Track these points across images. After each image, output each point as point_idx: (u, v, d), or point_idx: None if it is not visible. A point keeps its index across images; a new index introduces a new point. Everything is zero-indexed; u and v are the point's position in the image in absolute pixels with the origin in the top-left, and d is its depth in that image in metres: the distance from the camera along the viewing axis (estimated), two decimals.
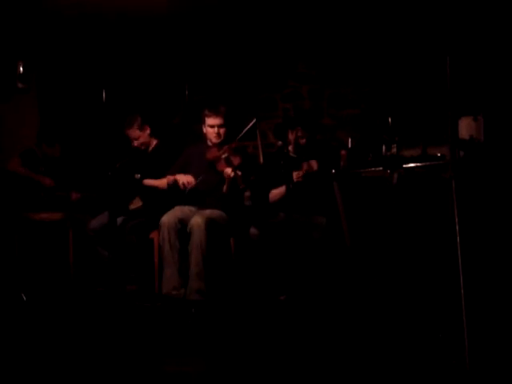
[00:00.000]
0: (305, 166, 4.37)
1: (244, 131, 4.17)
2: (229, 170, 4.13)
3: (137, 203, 4.56)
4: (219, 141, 4.35)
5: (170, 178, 4.34)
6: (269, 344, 3.30)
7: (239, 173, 4.11)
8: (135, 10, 4.84)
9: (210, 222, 4.08)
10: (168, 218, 4.15)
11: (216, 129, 4.34)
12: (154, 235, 4.45)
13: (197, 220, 4.06)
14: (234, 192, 4.26)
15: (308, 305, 4.08)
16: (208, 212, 4.18)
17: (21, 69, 5.41)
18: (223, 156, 4.20)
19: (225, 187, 4.21)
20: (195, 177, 4.27)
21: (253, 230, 4.25)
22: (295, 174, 4.29)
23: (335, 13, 4.99)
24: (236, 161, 4.19)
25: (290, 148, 4.53)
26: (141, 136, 4.68)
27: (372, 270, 4.00)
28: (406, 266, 3.74)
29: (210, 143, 4.41)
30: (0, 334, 3.57)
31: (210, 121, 4.34)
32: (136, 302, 4.21)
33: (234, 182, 4.13)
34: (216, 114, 4.33)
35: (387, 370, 2.84)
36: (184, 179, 4.26)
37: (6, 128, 5.48)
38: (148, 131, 4.71)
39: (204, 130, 4.42)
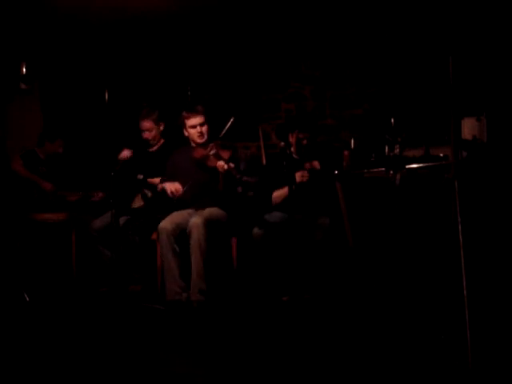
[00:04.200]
0: (307, 166, 4.38)
1: (224, 130, 4.18)
2: (221, 163, 4.12)
3: (139, 203, 4.56)
4: (203, 140, 4.36)
5: (159, 186, 4.38)
6: (271, 345, 3.30)
7: (232, 165, 4.10)
8: (137, 10, 4.84)
9: (208, 222, 4.09)
10: (165, 224, 4.16)
11: (198, 128, 4.35)
12: (156, 236, 4.44)
13: (195, 221, 4.07)
14: (231, 185, 4.25)
15: (311, 305, 4.08)
16: (206, 212, 4.19)
17: (24, 70, 5.42)
18: (211, 152, 4.20)
19: (220, 183, 4.20)
20: (183, 184, 4.27)
21: (256, 230, 4.25)
22: (299, 175, 4.30)
23: (338, 14, 4.98)
24: (226, 154, 4.17)
25: (293, 149, 4.54)
26: (154, 129, 4.68)
27: (375, 270, 4.00)
28: (408, 266, 3.74)
29: (193, 144, 4.42)
30: (2, 335, 3.57)
31: (191, 121, 4.36)
32: (141, 304, 4.20)
33: (229, 174, 4.12)
34: (195, 113, 4.35)
35: (390, 371, 2.83)
36: (172, 187, 4.27)
37: (9, 128, 5.50)
38: (162, 128, 4.72)
39: (186, 134, 4.43)
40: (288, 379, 2.81)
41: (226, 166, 4.09)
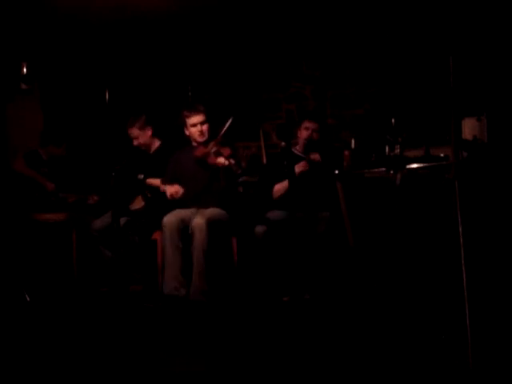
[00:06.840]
0: (307, 158, 4.41)
1: (223, 131, 4.18)
2: (222, 159, 4.12)
3: (139, 203, 4.57)
4: (204, 139, 4.36)
5: (162, 187, 4.39)
6: (272, 345, 3.30)
7: (233, 161, 4.10)
8: (137, 10, 4.84)
9: (211, 223, 4.09)
10: (170, 219, 4.16)
11: (199, 126, 4.35)
12: (156, 236, 4.45)
13: (198, 221, 4.07)
14: (233, 181, 4.25)
15: (311, 305, 4.08)
16: (209, 212, 4.19)
17: (24, 70, 5.42)
18: (212, 150, 4.19)
19: (221, 180, 4.20)
20: (183, 184, 4.27)
21: (258, 229, 4.25)
22: (299, 166, 4.31)
23: (339, 14, 4.99)
24: (226, 151, 4.16)
25: (298, 147, 4.55)
26: (140, 136, 4.67)
27: (375, 270, 4.00)
28: (409, 266, 3.74)
29: (195, 144, 4.42)
30: (3, 335, 3.57)
31: (192, 120, 4.36)
32: (141, 303, 4.20)
33: (229, 170, 4.12)
34: (195, 112, 4.35)
35: (390, 371, 2.83)
36: (172, 190, 4.28)
37: (9, 129, 5.49)
38: (150, 132, 4.70)
39: (187, 133, 4.43)
40: (288, 379, 2.81)
41: (226, 162, 4.08)
